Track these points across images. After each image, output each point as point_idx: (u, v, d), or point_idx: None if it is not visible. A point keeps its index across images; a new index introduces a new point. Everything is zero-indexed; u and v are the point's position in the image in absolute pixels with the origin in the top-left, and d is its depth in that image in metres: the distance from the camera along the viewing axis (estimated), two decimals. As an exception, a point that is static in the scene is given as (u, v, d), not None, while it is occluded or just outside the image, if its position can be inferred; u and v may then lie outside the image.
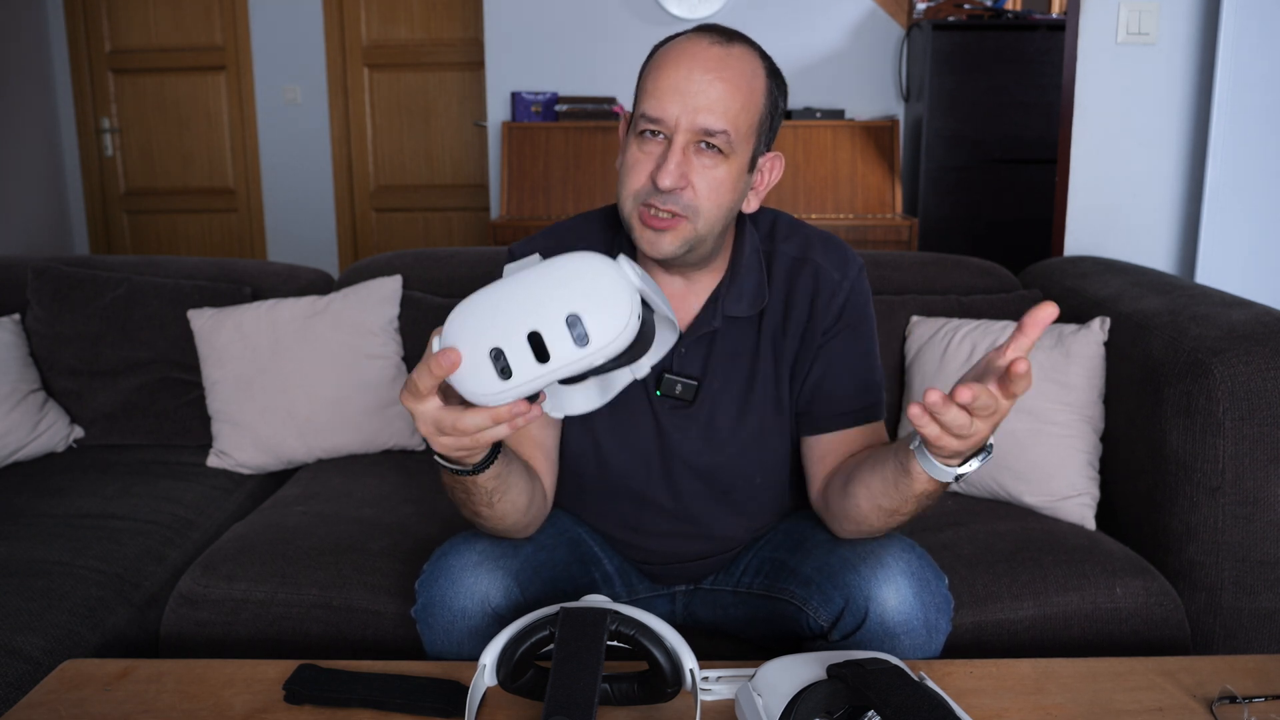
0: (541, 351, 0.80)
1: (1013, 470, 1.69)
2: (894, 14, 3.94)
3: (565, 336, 0.80)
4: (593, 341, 0.80)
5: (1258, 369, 1.46)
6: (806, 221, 1.32)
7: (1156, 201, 2.38)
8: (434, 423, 0.88)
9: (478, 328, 0.82)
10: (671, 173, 1.07)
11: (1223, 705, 1.00)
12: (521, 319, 0.80)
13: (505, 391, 0.82)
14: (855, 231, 3.57)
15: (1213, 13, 2.25)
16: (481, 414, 0.86)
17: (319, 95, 4.59)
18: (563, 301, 0.80)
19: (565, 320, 0.80)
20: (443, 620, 1.14)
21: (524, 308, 0.81)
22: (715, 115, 1.08)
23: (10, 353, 1.99)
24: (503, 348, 0.80)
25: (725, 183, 1.11)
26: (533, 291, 0.81)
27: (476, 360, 0.81)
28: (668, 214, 1.10)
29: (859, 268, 1.25)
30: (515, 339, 0.80)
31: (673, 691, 0.93)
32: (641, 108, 1.10)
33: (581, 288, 0.81)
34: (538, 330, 0.80)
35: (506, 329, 0.81)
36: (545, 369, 0.81)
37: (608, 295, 0.81)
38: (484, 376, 0.81)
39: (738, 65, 1.10)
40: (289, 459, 1.96)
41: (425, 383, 0.86)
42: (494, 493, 1.06)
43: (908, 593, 1.09)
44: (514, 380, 0.81)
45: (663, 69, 1.10)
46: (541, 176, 3.75)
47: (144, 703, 1.02)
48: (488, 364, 0.81)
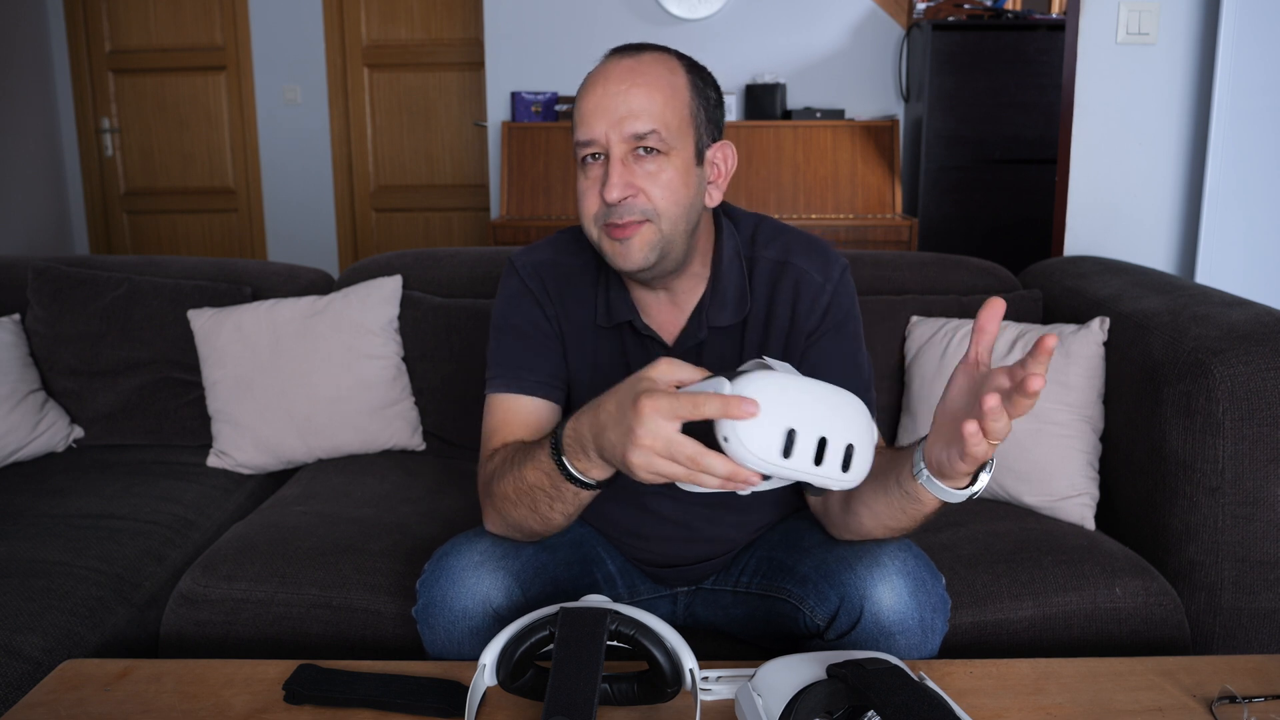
0: (820, 456, 0.87)
1: (1013, 470, 1.69)
2: (894, 14, 3.94)
3: (839, 456, 0.88)
4: (851, 473, 0.89)
5: (1258, 369, 1.46)
6: (807, 221, 1.32)
7: (1156, 201, 2.38)
8: (668, 442, 0.87)
9: (781, 402, 0.87)
10: (616, 184, 1.10)
11: (1223, 705, 1.00)
12: (821, 420, 0.88)
13: (775, 466, 0.87)
14: (855, 231, 3.57)
15: (1213, 13, 2.25)
16: (726, 464, 0.87)
17: (319, 95, 4.59)
18: (849, 429, 0.89)
19: (846, 444, 0.88)
20: (444, 620, 1.14)
21: (822, 415, 0.88)
22: (639, 118, 1.11)
23: (10, 353, 1.99)
24: (798, 432, 0.86)
25: (675, 180, 1.13)
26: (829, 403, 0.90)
27: (769, 427, 0.86)
28: (627, 223, 1.12)
29: (842, 269, 1.25)
30: (809, 433, 0.87)
31: (673, 691, 0.93)
32: (575, 137, 1.14)
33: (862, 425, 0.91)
34: (826, 438, 0.87)
35: (806, 420, 0.87)
36: (812, 471, 0.88)
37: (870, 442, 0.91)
38: (769, 444, 0.86)
39: (650, 69, 1.14)
40: (289, 459, 1.96)
41: (709, 411, 0.85)
42: (583, 507, 1.07)
43: (903, 592, 1.10)
44: (788, 463, 0.87)
45: (584, 96, 1.15)
46: (541, 176, 3.75)
47: (144, 703, 1.02)
48: (778, 436, 0.86)
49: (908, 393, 1.88)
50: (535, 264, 1.28)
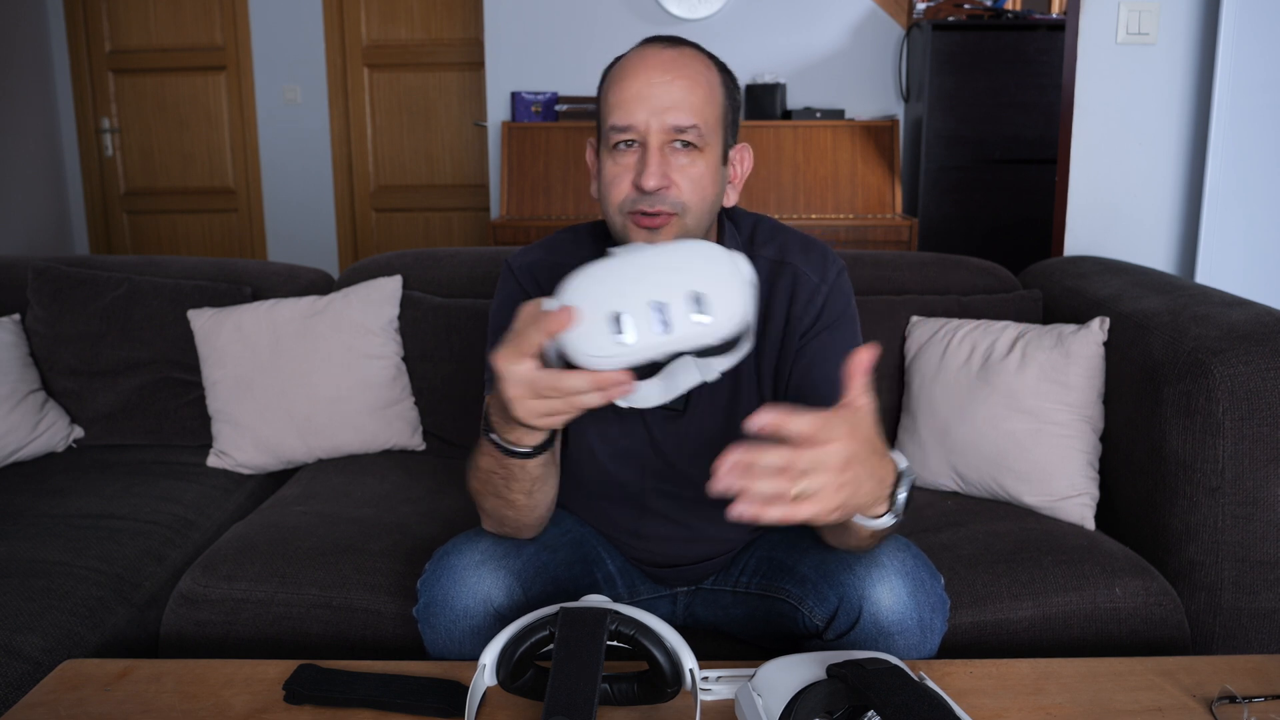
0: (666, 320, 0.82)
1: (1013, 470, 1.69)
2: (894, 14, 3.94)
3: (687, 310, 0.81)
4: (714, 318, 0.82)
5: (1258, 369, 1.46)
6: (807, 221, 1.33)
7: (1156, 201, 2.38)
8: (528, 383, 0.87)
9: (600, 292, 0.83)
10: (655, 173, 1.10)
11: (1223, 705, 1.00)
12: (646, 289, 0.82)
13: (619, 356, 0.82)
14: (855, 231, 3.57)
15: (1213, 13, 2.25)
16: (584, 377, 0.85)
17: (319, 95, 4.59)
18: (688, 277, 0.82)
19: (690, 294, 0.81)
20: (444, 619, 1.14)
21: (649, 279, 0.83)
22: (682, 111, 1.11)
23: (10, 353, 1.99)
24: (624, 312, 0.81)
25: (705, 176, 1.13)
26: (657, 266, 0.84)
27: (595, 321, 0.82)
28: (657, 213, 1.11)
29: (839, 269, 1.25)
30: (639, 306, 0.81)
31: (673, 691, 0.93)
32: (610, 121, 1.13)
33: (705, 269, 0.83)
34: (662, 300, 0.81)
35: (630, 295, 0.82)
36: (664, 339, 0.82)
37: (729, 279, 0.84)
38: (600, 338, 0.82)
39: (691, 64, 1.14)
40: (289, 459, 1.96)
41: (534, 339, 0.85)
42: (537, 480, 1.07)
43: (902, 592, 1.10)
44: (631, 346, 0.82)
45: (622, 80, 1.13)
46: (541, 176, 3.75)
47: (144, 703, 1.02)
48: (606, 326, 0.82)
49: (908, 393, 1.88)
50: (529, 265, 1.28)
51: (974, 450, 1.73)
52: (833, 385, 1.21)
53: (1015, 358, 1.72)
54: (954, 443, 1.75)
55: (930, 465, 1.79)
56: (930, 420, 1.79)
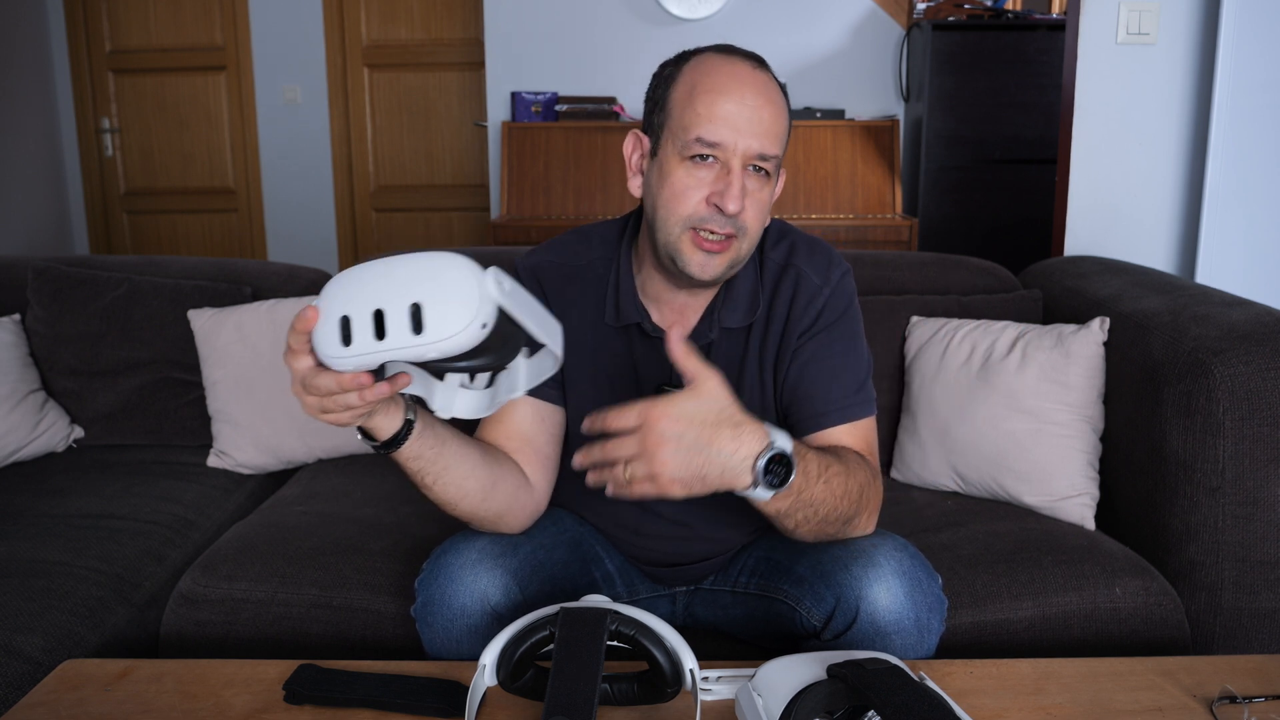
0: (380, 329, 0.85)
1: (1013, 470, 1.69)
2: (894, 14, 3.94)
3: (404, 321, 0.85)
4: (426, 333, 0.84)
5: (1258, 369, 1.46)
6: (807, 221, 1.34)
7: (1156, 201, 2.38)
8: (300, 380, 0.92)
9: (340, 295, 0.88)
10: (737, 196, 1.10)
11: (1223, 705, 1.00)
12: (373, 296, 0.86)
13: (342, 358, 0.87)
14: (855, 231, 3.57)
15: (1213, 13, 2.25)
16: (329, 377, 0.90)
17: (319, 95, 4.59)
18: (414, 290, 0.85)
19: (408, 306, 0.85)
20: (442, 619, 1.14)
21: (380, 287, 0.86)
22: (770, 140, 1.12)
23: (10, 353, 1.99)
24: (350, 317, 0.86)
25: (766, 203, 1.16)
26: (394, 275, 0.87)
27: (328, 323, 0.87)
28: (723, 236, 1.12)
29: (843, 272, 1.26)
30: (362, 312, 0.86)
31: (673, 691, 0.93)
32: (696, 132, 1.11)
33: (435, 283, 0.86)
34: (381, 309, 0.85)
35: (358, 302, 0.86)
36: (378, 346, 0.86)
37: (456, 296, 0.85)
38: (329, 339, 0.87)
39: (775, 90, 1.15)
40: (289, 459, 1.96)
41: (290, 338, 0.90)
42: (423, 474, 1.09)
43: (899, 592, 1.10)
44: (351, 350, 0.86)
45: (714, 93, 1.11)
46: (542, 176, 3.75)
47: (144, 703, 1.02)
48: (335, 329, 0.87)
49: (908, 393, 1.88)
50: (534, 267, 1.28)
51: (974, 450, 1.73)
52: (826, 385, 1.22)
53: (1015, 358, 1.72)
54: (954, 443, 1.75)
55: (930, 465, 1.79)
56: (930, 420, 1.79)
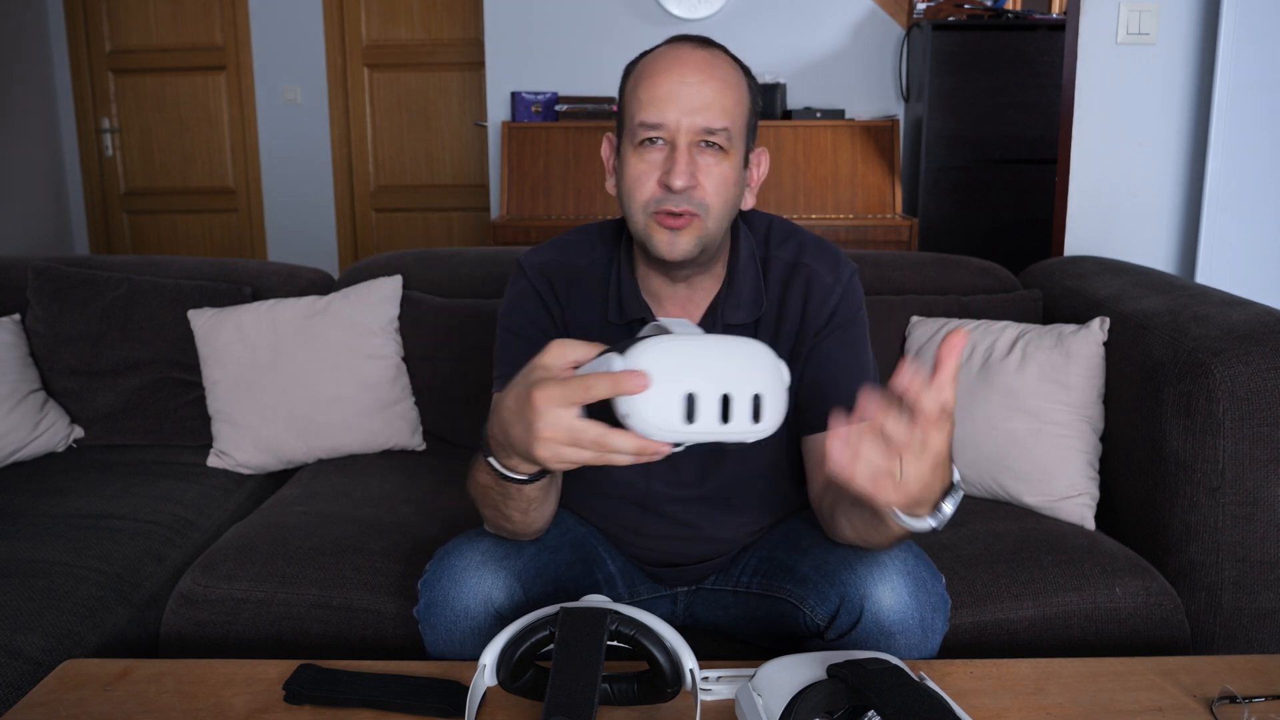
0: (726, 414, 0.84)
1: (1013, 470, 1.69)
2: (894, 14, 3.94)
3: (747, 410, 0.84)
4: (762, 423, 0.85)
5: (1258, 369, 1.46)
6: (807, 221, 1.34)
7: (1156, 201, 2.38)
8: (570, 430, 0.85)
9: (675, 368, 0.84)
10: (683, 171, 1.10)
11: (1223, 705, 1.00)
12: (720, 377, 0.85)
13: (679, 433, 0.84)
14: (855, 231, 3.57)
15: (1213, 13, 2.25)
16: (633, 442, 0.85)
17: (319, 95, 4.59)
18: (755, 378, 0.85)
19: (752, 396, 0.85)
20: (445, 620, 1.14)
21: (723, 368, 0.85)
22: (714, 113, 1.11)
23: (10, 353, 1.99)
24: (698, 395, 0.83)
25: (729, 178, 1.14)
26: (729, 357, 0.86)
27: (666, 395, 0.83)
28: (681, 213, 1.12)
29: (851, 271, 1.26)
30: (710, 392, 0.84)
31: (673, 691, 0.93)
32: (639, 117, 1.12)
33: (768, 373, 0.87)
34: (730, 394, 0.84)
35: (704, 380, 0.84)
36: (720, 429, 0.84)
37: (781, 389, 0.87)
38: (669, 413, 0.84)
39: (723, 66, 1.14)
40: (289, 459, 1.96)
41: (601, 391, 0.83)
42: (534, 501, 1.07)
43: (903, 592, 1.10)
44: (694, 427, 0.84)
45: (654, 77, 1.12)
46: (542, 176, 3.75)
47: (144, 703, 1.02)
48: (678, 403, 0.83)
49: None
50: (541, 264, 1.28)
51: (974, 450, 1.72)
52: (844, 384, 1.22)
53: (1015, 358, 1.72)
54: (954, 443, 1.74)
55: (930, 465, 1.78)
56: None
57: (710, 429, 0.84)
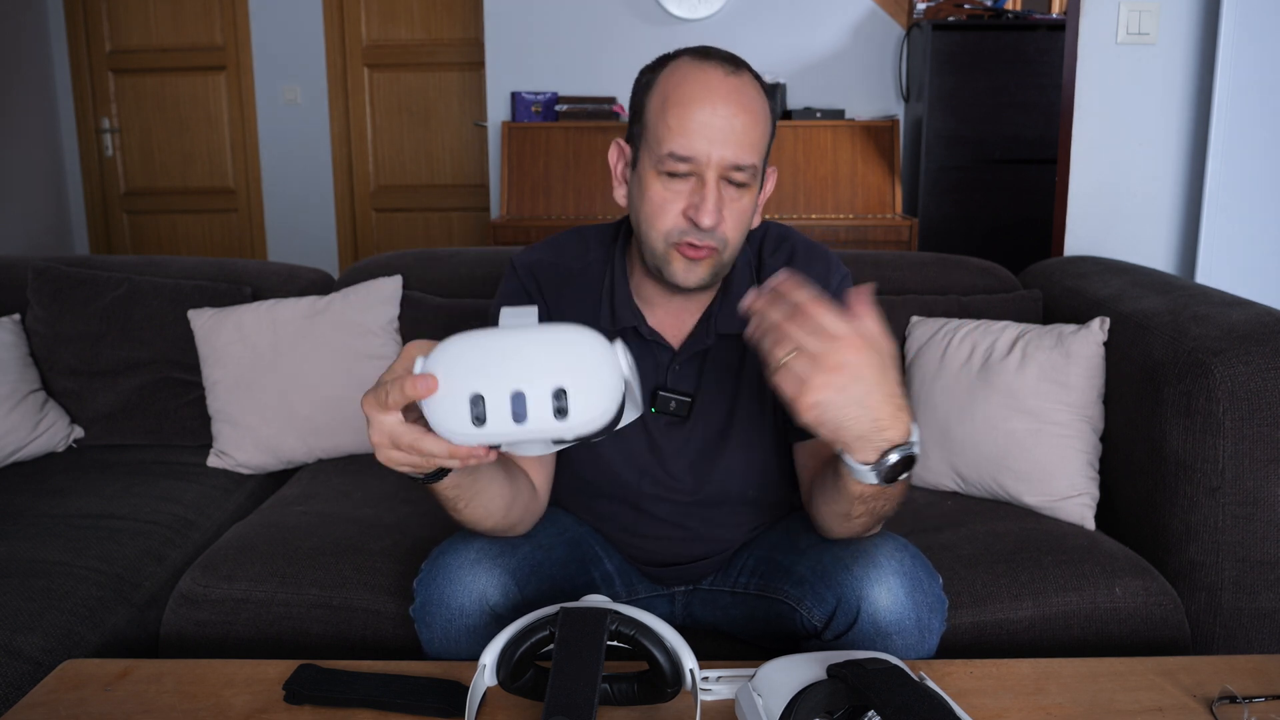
0: (520, 412, 0.81)
1: (1013, 470, 1.69)
2: (894, 14, 3.94)
3: (547, 405, 0.80)
4: (571, 418, 0.81)
5: (1258, 369, 1.46)
6: (807, 221, 1.34)
7: (1156, 201, 2.38)
8: (391, 435, 0.88)
9: (465, 367, 0.82)
10: (711, 211, 1.09)
11: (1223, 705, 1.00)
12: (511, 374, 0.81)
13: (472, 436, 0.82)
14: (855, 231, 3.57)
15: (1213, 13, 2.25)
16: (439, 444, 0.86)
17: (319, 95, 4.59)
18: (555, 371, 0.81)
19: (552, 390, 0.80)
20: (440, 619, 1.14)
21: (515, 364, 0.81)
22: (744, 150, 1.09)
23: (10, 353, 1.99)
24: (484, 395, 0.81)
25: (747, 212, 1.14)
26: (528, 351, 0.82)
27: (455, 398, 0.81)
28: (703, 247, 1.12)
29: (843, 275, 1.26)
30: (499, 391, 0.81)
31: (673, 691, 0.93)
32: (668, 146, 1.09)
33: (575, 363, 0.82)
34: (522, 391, 0.80)
35: (493, 379, 0.81)
36: (518, 429, 0.81)
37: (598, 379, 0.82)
38: (458, 415, 0.81)
39: (751, 94, 1.12)
40: (289, 459, 1.96)
41: (395, 399, 0.85)
42: (457, 500, 1.06)
43: (900, 592, 1.10)
44: (485, 429, 0.81)
45: (686, 106, 1.09)
46: (542, 176, 3.75)
47: (144, 703, 1.02)
48: (465, 405, 0.81)
49: (908, 393, 1.88)
50: (533, 264, 1.28)
51: (974, 450, 1.73)
52: None
53: (1015, 358, 1.72)
54: (954, 443, 1.75)
55: (930, 465, 1.79)
56: (930, 420, 1.79)
57: (507, 430, 0.81)
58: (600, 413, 0.82)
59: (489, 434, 0.82)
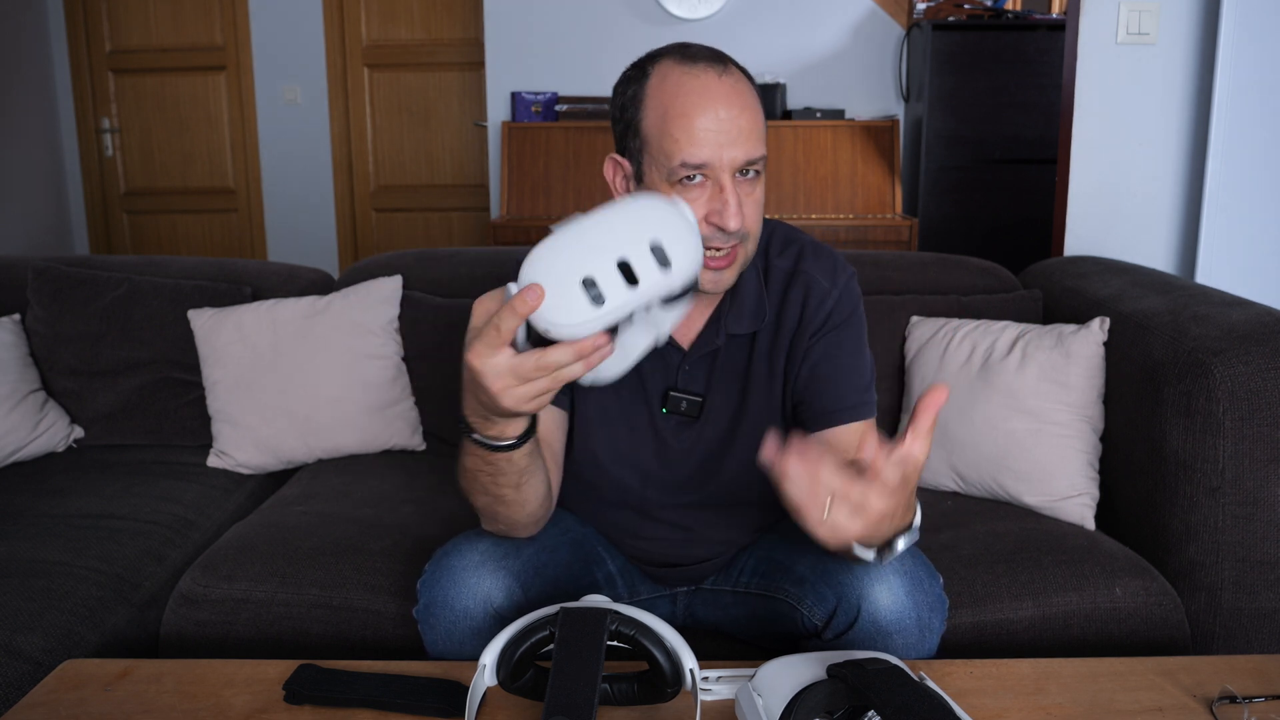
0: (630, 277, 0.83)
1: (1013, 470, 1.69)
2: (894, 14, 3.94)
3: (651, 262, 0.84)
4: (674, 265, 0.84)
5: (1258, 369, 1.46)
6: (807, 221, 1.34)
7: (1156, 201, 2.38)
8: (511, 371, 0.87)
9: (563, 262, 0.84)
10: (736, 213, 1.09)
11: (1223, 705, 1.00)
12: (608, 249, 0.84)
13: (594, 320, 0.84)
14: (855, 231, 3.57)
15: (1213, 13, 2.25)
16: (567, 349, 0.85)
17: (319, 95, 4.59)
18: (644, 232, 0.85)
19: (650, 246, 0.84)
20: (445, 620, 1.14)
21: (607, 240, 0.85)
22: (752, 145, 1.10)
23: (10, 353, 1.99)
24: (594, 276, 0.83)
25: (762, 201, 1.15)
26: (612, 226, 0.86)
27: (567, 291, 0.83)
28: (729, 249, 1.12)
29: (849, 275, 1.26)
30: (606, 266, 0.83)
31: (673, 691, 0.93)
32: (680, 158, 1.08)
33: (656, 221, 0.86)
34: (626, 258, 0.84)
35: (595, 259, 0.84)
36: (635, 293, 0.84)
37: (679, 227, 0.86)
38: (576, 306, 0.83)
39: (744, 88, 1.12)
40: (289, 459, 1.96)
41: (509, 323, 0.85)
42: (524, 472, 1.06)
43: (900, 592, 1.10)
44: (606, 306, 0.83)
45: (689, 115, 1.08)
46: (542, 176, 3.75)
47: (144, 703, 1.02)
48: (580, 293, 0.83)
49: (908, 393, 1.88)
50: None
51: (974, 450, 1.73)
52: (837, 383, 1.22)
53: (1015, 358, 1.72)
54: (954, 443, 1.75)
55: (930, 465, 1.79)
56: (930, 420, 1.79)
57: (625, 299, 0.84)
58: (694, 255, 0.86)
59: (609, 311, 0.84)
